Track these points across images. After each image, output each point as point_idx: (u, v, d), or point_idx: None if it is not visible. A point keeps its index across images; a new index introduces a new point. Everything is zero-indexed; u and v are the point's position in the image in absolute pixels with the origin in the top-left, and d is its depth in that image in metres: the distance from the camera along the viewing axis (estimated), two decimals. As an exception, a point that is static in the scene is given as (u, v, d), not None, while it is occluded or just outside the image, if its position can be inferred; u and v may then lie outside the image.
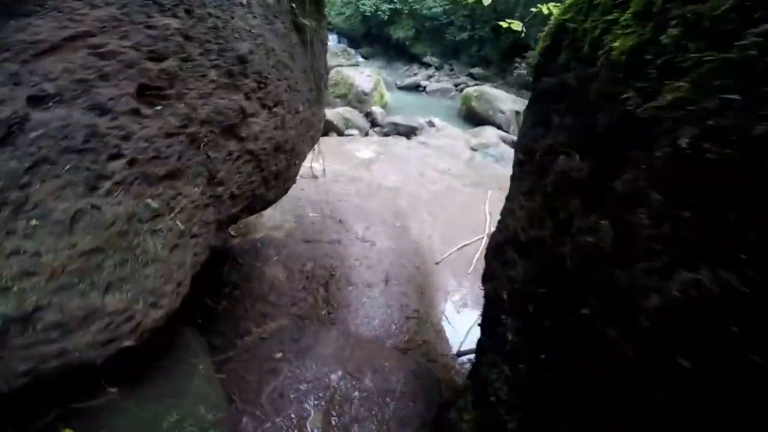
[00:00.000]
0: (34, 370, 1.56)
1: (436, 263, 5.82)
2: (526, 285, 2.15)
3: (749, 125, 0.95)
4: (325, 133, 12.96)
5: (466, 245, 6.32)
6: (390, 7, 25.15)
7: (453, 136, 13.24)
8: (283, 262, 4.72)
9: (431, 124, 14.44)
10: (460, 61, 25.62)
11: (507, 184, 8.60)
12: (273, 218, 5.48)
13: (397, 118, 13.85)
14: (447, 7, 24.93)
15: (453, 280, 5.61)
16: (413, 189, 8.02)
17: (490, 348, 2.70)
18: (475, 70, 24.08)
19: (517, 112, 16.36)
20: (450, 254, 6.03)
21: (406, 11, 25.55)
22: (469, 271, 5.79)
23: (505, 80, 23.50)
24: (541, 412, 1.91)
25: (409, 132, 13.59)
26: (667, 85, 1.22)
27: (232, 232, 4.96)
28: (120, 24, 1.87)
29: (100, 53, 1.80)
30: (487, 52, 24.74)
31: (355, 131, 13.17)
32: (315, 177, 7.39)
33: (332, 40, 27.44)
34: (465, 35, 24.57)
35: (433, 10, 24.99)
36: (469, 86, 21.94)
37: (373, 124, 14.43)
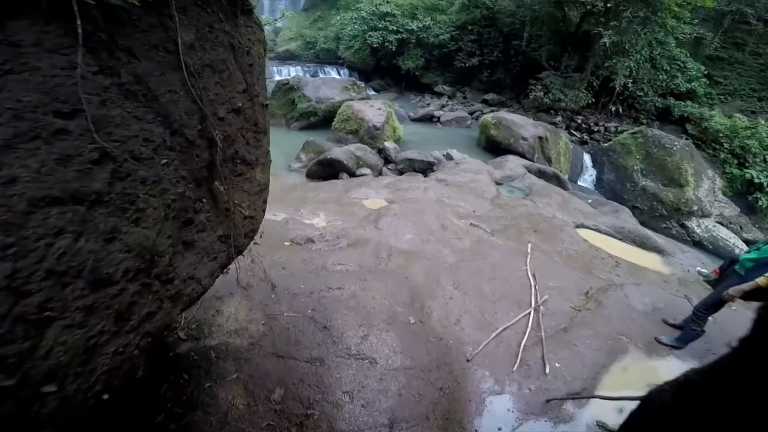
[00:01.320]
0: None
1: (468, 360, 4.32)
2: None
3: None
4: (335, 175, 11.83)
5: (507, 328, 4.85)
6: (397, 37, 24.62)
7: (474, 169, 11.95)
8: (243, 382, 3.38)
9: (449, 157, 13.24)
10: (472, 87, 24.76)
11: (543, 225, 6.95)
12: (235, 316, 4.06)
13: (412, 154, 12.67)
14: (454, 33, 24.30)
15: (491, 382, 4.15)
16: (433, 250, 6.38)
17: None
18: (489, 96, 23.13)
19: (540, 138, 15.11)
20: (486, 344, 4.55)
21: (414, 41, 24.97)
22: (514, 368, 4.31)
23: (521, 104, 22.52)
24: None
25: (425, 168, 12.39)
26: None
27: (182, 335, 3.69)
28: None
29: None
30: (499, 76, 23.92)
31: (367, 170, 12.03)
32: (311, 241, 5.99)
33: (342, 74, 26.98)
34: (475, 61, 23.80)
35: (440, 37, 24.44)
36: (484, 113, 20.99)
37: (387, 160, 13.30)
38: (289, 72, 26.75)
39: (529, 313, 5.13)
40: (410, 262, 5.81)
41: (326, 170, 11.97)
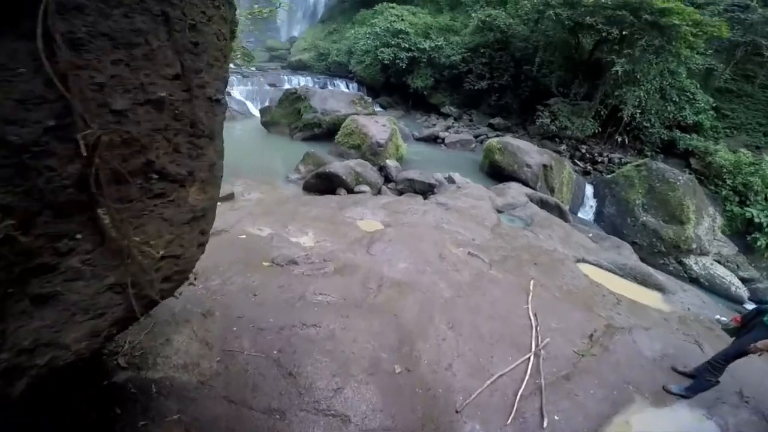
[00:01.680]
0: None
1: (457, 411, 3.90)
2: None
3: None
4: (333, 190, 11.64)
5: (503, 374, 4.49)
6: (408, 55, 24.66)
7: (475, 195, 11.76)
8: (185, 425, 2.95)
9: (451, 180, 13.07)
10: (479, 110, 24.72)
11: (544, 258, 6.62)
12: (187, 349, 3.57)
13: (414, 174, 12.50)
14: (465, 54, 24.36)
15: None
16: (429, 281, 5.95)
17: None
18: (495, 120, 23.09)
19: (545, 166, 14.96)
20: (479, 393, 4.18)
21: (425, 60, 25.02)
22: (508, 421, 3.94)
23: (526, 130, 22.43)
24: None
25: (426, 190, 12.22)
26: None
27: (123, 362, 3.40)
28: None
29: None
30: (507, 100, 23.88)
31: (366, 188, 11.86)
32: (294, 263, 5.63)
33: (351, 88, 27.01)
34: (484, 84, 23.79)
35: (452, 58, 24.45)
36: (489, 137, 20.86)
37: (387, 179, 13.14)
38: (299, 82, 26.82)
39: (529, 357, 4.82)
40: (402, 295, 5.45)
41: (324, 184, 11.79)
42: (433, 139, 20.16)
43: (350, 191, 11.69)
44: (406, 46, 24.69)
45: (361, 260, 6.26)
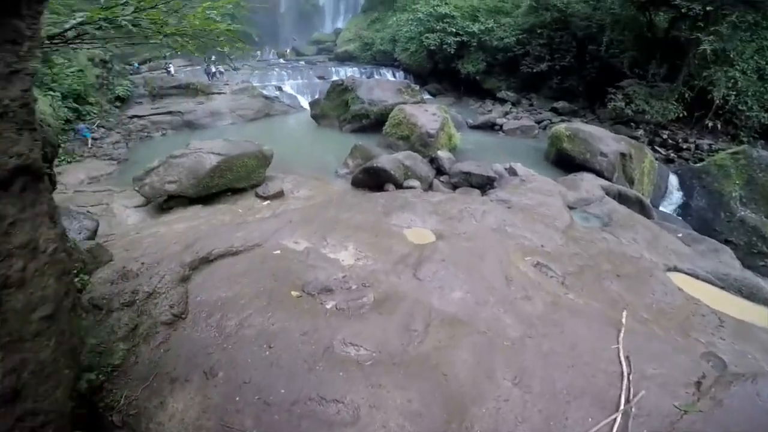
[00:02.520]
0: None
1: None
2: None
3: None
4: (381, 185, 10.58)
5: None
6: (456, 40, 23.06)
7: (543, 190, 10.24)
8: None
9: (513, 172, 11.59)
10: (540, 94, 22.70)
11: (628, 268, 4.74)
12: (182, 416, 2.80)
13: (469, 166, 11.13)
14: (521, 36, 22.40)
15: None
16: (490, 316, 4.69)
17: None
18: (559, 104, 21.03)
19: (623, 155, 13.08)
20: None
21: (475, 44, 23.28)
22: None
23: (595, 114, 20.30)
24: None
25: (484, 183, 10.83)
26: None
27: (117, 419, 2.72)
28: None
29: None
30: (571, 83, 21.72)
31: (416, 182, 10.69)
32: (328, 291, 4.66)
33: (398, 76, 25.82)
34: (543, 66, 21.75)
35: (505, 40, 22.58)
36: (553, 123, 19.04)
37: (440, 171, 11.89)
38: (346, 73, 26.21)
39: (615, 418, 3.53)
40: (455, 339, 4.22)
41: (372, 179, 10.81)
42: (490, 127, 18.59)
43: (399, 186, 10.60)
44: (453, 30, 23.15)
45: (407, 287, 5.08)
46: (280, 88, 25.22)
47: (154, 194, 9.70)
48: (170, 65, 29.39)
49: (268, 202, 9.82)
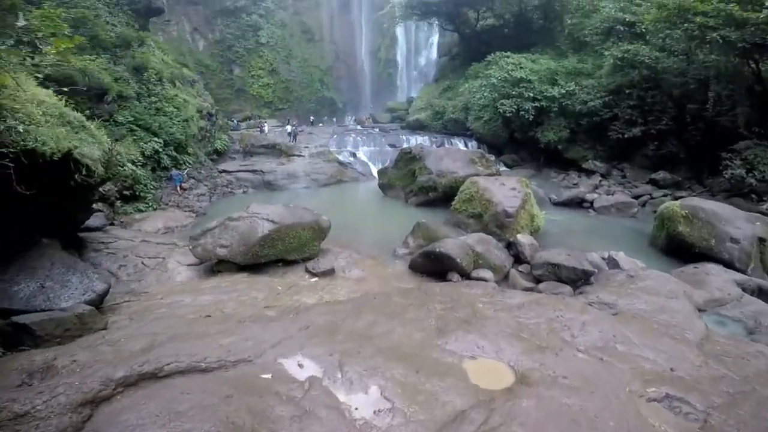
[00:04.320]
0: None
1: None
2: None
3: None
4: (443, 273, 8.90)
5: None
6: (534, 105, 21.40)
7: (660, 288, 7.88)
8: None
9: (614, 263, 9.33)
10: (633, 163, 20.03)
11: None
12: None
13: (558, 256, 8.98)
14: (607, 98, 20.23)
15: None
16: None
17: None
18: (659, 175, 18.18)
19: (762, 241, 10.15)
20: None
21: (555, 109, 21.45)
22: None
23: (703, 185, 17.26)
24: None
25: (577, 279, 8.60)
26: None
27: None
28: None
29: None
30: (670, 149, 18.89)
31: (487, 273, 8.81)
32: None
33: (470, 146, 24.53)
34: (636, 131, 19.19)
35: (590, 104, 20.44)
36: (654, 198, 16.47)
37: (518, 259, 9.87)
38: (416, 141, 25.59)
39: None
40: None
41: (433, 265, 9.24)
42: (578, 203, 16.26)
43: (466, 276, 8.85)
44: (531, 95, 21.63)
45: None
46: (354, 154, 25.45)
47: (205, 256, 9.47)
48: (265, 124, 31.46)
49: (316, 279, 8.97)
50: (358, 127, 35.76)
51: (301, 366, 4.42)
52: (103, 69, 15.42)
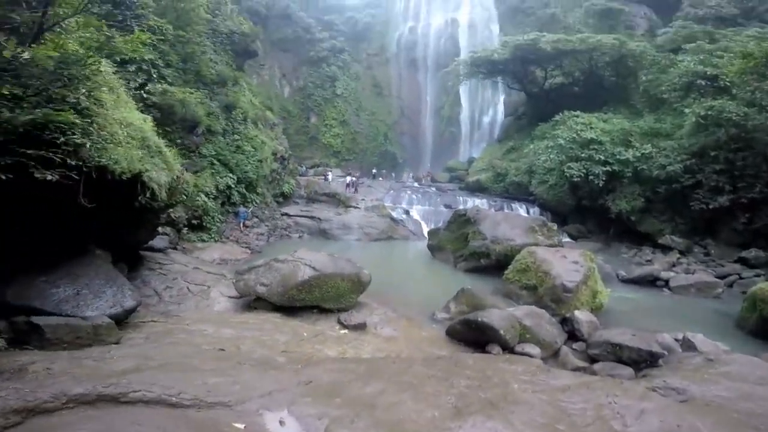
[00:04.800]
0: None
1: None
2: None
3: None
4: (483, 344, 8.21)
5: None
6: (605, 170, 19.99)
7: (745, 374, 6.71)
8: None
9: (689, 345, 8.30)
10: (719, 239, 17.94)
11: None
12: None
13: (622, 336, 7.90)
14: (688, 162, 18.37)
15: None
16: None
17: None
18: (751, 253, 16.21)
19: None
20: None
21: (629, 174, 19.88)
22: None
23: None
24: None
25: (641, 360, 7.51)
26: None
27: None
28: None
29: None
30: (764, 222, 16.71)
31: (534, 349, 7.98)
32: None
33: (532, 212, 23.41)
34: (723, 200, 17.24)
35: (669, 168, 18.61)
36: (744, 278, 14.79)
37: (573, 336, 8.89)
38: (474, 203, 24.88)
39: None
40: None
41: (472, 334, 8.52)
42: (650, 282, 14.76)
43: (509, 350, 7.96)
44: (601, 158, 20.37)
45: None
46: (407, 212, 25.58)
47: (245, 291, 9.74)
48: (329, 173, 32.76)
49: (346, 331, 8.85)
50: (416, 184, 35.92)
51: (282, 423, 3.95)
52: (200, 103, 16.97)
